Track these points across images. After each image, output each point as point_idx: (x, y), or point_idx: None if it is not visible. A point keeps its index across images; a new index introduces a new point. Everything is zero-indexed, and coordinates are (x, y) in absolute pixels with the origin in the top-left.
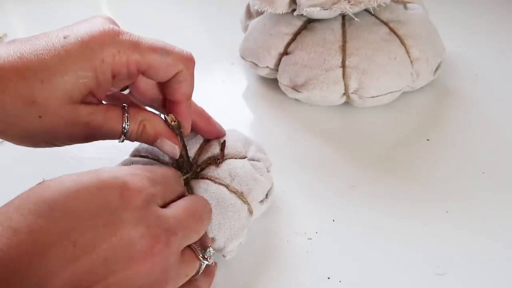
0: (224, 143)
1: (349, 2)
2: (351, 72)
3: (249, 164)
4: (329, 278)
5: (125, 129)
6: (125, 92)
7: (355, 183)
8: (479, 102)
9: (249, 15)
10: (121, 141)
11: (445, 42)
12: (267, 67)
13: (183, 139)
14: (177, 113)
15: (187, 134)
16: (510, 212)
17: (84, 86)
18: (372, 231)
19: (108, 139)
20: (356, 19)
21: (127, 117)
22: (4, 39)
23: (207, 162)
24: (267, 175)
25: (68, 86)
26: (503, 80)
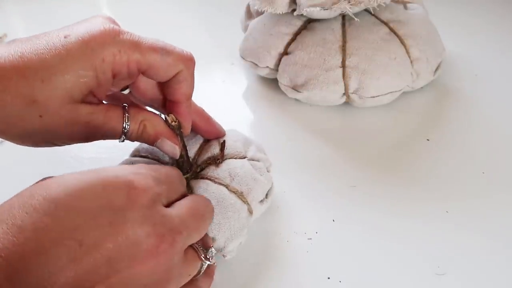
0: (223, 143)
1: (349, 2)
2: (351, 72)
3: (249, 164)
4: (329, 278)
5: (125, 129)
6: (125, 92)
7: (355, 183)
8: (479, 102)
9: (249, 15)
10: (121, 141)
11: (445, 42)
12: (267, 67)
13: (183, 139)
14: (177, 113)
15: (187, 134)
16: (510, 212)
17: (84, 86)
18: (372, 231)
19: (109, 139)
20: (356, 19)
21: (127, 117)
22: (4, 39)
23: (207, 162)
24: (267, 175)
25: (68, 85)
26: (503, 80)
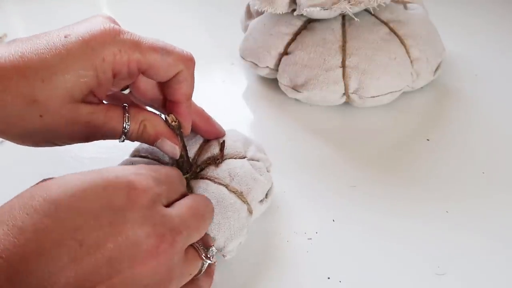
0: (223, 143)
1: (349, 2)
2: (351, 72)
3: (249, 164)
4: (329, 278)
5: (125, 129)
6: (126, 92)
7: (355, 183)
8: (479, 102)
9: (249, 15)
10: (121, 141)
11: (445, 42)
12: (267, 67)
13: (183, 139)
14: (178, 113)
15: (187, 134)
16: (510, 212)
17: (85, 85)
18: (372, 231)
19: (109, 138)
20: (356, 19)
21: (127, 117)
22: (4, 39)
23: (206, 162)
24: (266, 175)
25: (69, 85)
26: (503, 80)
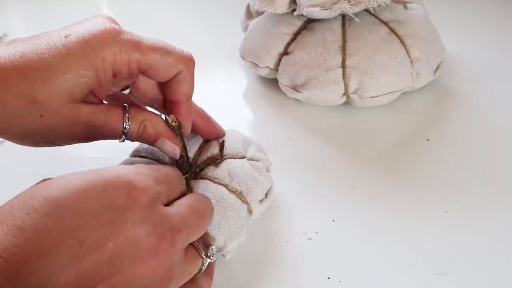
0: (223, 143)
1: (349, 2)
2: (351, 72)
3: (248, 164)
4: (329, 278)
5: (126, 129)
6: (126, 92)
7: (355, 183)
8: (479, 102)
9: (249, 15)
10: (121, 141)
11: (445, 42)
12: (267, 67)
13: (183, 139)
14: (178, 114)
15: (188, 134)
16: (510, 212)
17: (85, 85)
18: (372, 231)
19: (109, 139)
20: (356, 19)
21: (128, 117)
22: (4, 39)
23: (206, 163)
24: (266, 175)
25: (69, 85)
26: (503, 80)
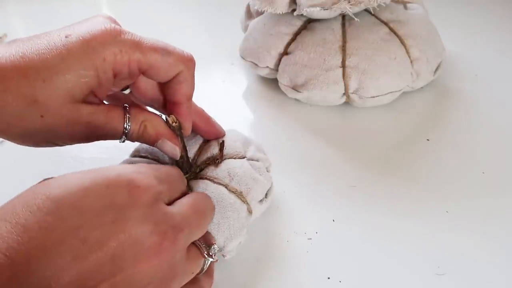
0: (223, 143)
1: (349, 2)
2: (351, 72)
3: (248, 164)
4: (329, 278)
5: (126, 129)
6: (126, 92)
7: (355, 183)
8: (479, 102)
9: (249, 15)
10: (122, 141)
11: (445, 42)
12: (267, 67)
13: (183, 140)
14: (178, 114)
15: (188, 135)
16: (510, 212)
17: (85, 85)
18: (372, 231)
19: (109, 139)
20: (356, 19)
21: (128, 117)
22: (4, 39)
23: (206, 163)
24: (266, 175)
25: (70, 85)
26: (503, 80)
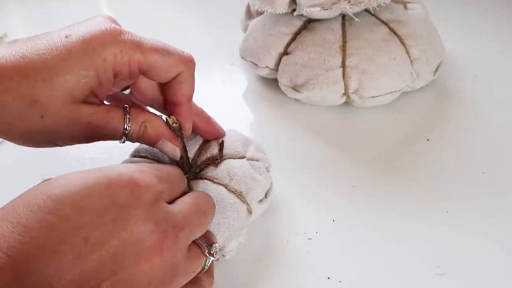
0: (222, 143)
1: (349, 2)
2: (351, 72)
3: (248, 164)
4: (329, 278)
5: (126, 130)
6: (126, 92)
7: (355, 183)
8: (479, 102)
9: (249, 15)
10: (122, 142)
11: (445, 42)
12: (267, 67)
13: (183, 140)
14: (178, 115)
15: (188, 135)
16: (510, 212)
17: (86, 86)
18: (372, 231)
19: (109, 139)
20: (356, 19)
21: (128, 118)
22: (4, 39)
23: (206, 163)
24: (266, 175)
25: (70, 85)
26: (503, 80)
